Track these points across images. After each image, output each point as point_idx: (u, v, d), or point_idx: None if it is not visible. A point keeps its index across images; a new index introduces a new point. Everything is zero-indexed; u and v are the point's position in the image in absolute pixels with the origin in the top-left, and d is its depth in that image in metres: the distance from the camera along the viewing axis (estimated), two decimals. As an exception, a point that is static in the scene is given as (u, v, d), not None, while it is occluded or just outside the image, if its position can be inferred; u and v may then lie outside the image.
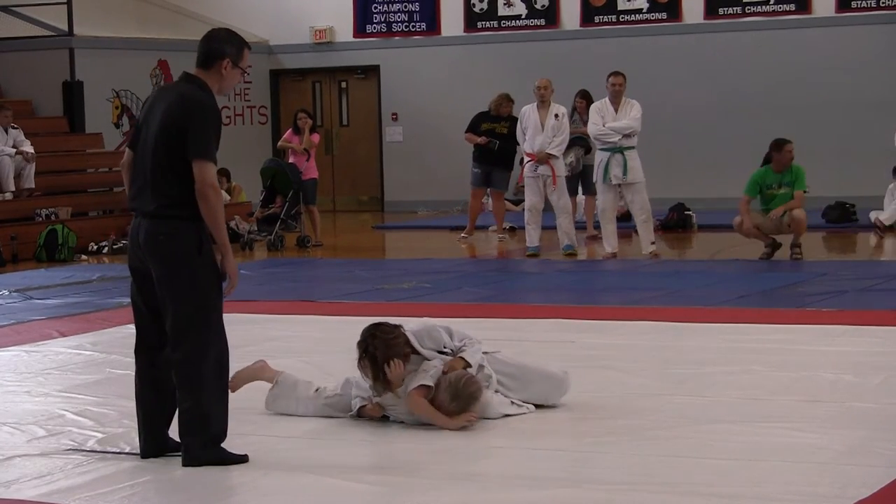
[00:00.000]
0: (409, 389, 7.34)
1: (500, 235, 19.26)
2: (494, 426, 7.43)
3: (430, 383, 7.33)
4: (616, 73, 16.19)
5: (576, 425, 7.41)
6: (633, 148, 15.90)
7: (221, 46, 6.78)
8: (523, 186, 18.14)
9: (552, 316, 11.39)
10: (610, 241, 16.15)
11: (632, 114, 15.90)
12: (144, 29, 23.75)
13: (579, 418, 7.56)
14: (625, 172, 15.80)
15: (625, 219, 17.22)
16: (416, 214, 23.83)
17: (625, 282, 14.10)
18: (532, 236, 16.80)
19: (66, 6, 21.85)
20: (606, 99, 16.07)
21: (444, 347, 7.53)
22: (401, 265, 16.07)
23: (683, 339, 10.17)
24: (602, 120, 15.93)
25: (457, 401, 7.28)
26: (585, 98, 18.72)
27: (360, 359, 7.35)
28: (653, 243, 16.07)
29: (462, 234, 19.28)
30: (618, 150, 15.84)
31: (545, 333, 10.53)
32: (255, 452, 6.85)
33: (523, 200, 18.16)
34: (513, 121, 18.30)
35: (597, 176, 16.15)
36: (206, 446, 6.68)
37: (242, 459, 6.74)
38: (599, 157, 16.05)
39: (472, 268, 16.12)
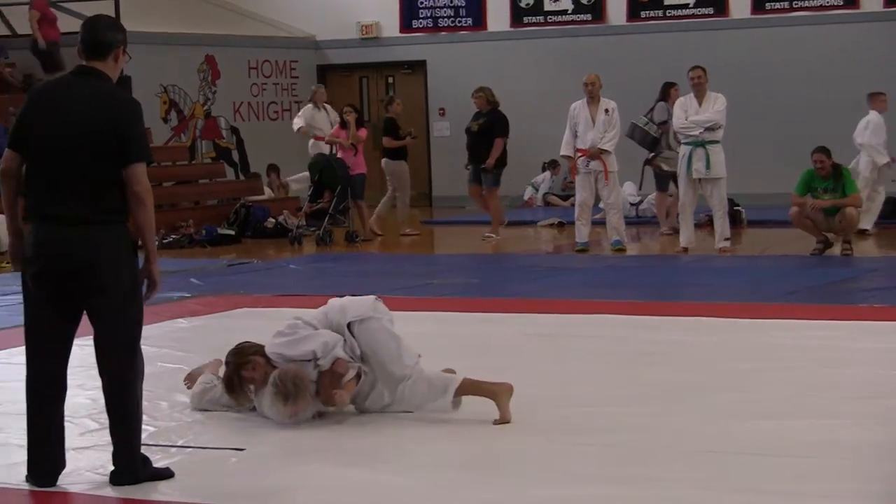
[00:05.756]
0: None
1: (488, 234, 18.57)
2: (527, 422, 7.34)
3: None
4: (694, 67, 16.12)
5: (618, 420, 7.38)
6: (716, 142, 15.82)
7: (113, 34, 6.38)
8: (572, 182, 18.07)
9: (600, 311, 11.33)
10: (686, 236, 16.15)
11: (715, 107, 15.80)
12: (189, 24, 23.83)
13: (622, 413, 7.54)
14: (707, 166, 15.77)
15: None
16: (465, 209, 23.80)
17: (674, 278, 14.06)
18: (582, 232, 16.72)
19: (112, 2, 21.92)
20: (691, 94, 16.02)
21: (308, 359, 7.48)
22: (449, 260, 16.06)
23: (730, 335, 10.12)
24: (685, 114, 15.88)
25: (290, 401, 7.28)
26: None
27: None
28: (727, 239, 16.03)
29: (486, 234, 18.62)
30: (700, 143, 15.78)
31: (592, 329, 10.50)
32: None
33: (571, 196, 18.10)
34: (490, 116, 18.30)
35: (679, 170, 16.10)
36: (141, 466, 6.43)
37: (168, 474, 6.48)
38: (683, 151, 16.00)
39: (521, 263, 16.07)
